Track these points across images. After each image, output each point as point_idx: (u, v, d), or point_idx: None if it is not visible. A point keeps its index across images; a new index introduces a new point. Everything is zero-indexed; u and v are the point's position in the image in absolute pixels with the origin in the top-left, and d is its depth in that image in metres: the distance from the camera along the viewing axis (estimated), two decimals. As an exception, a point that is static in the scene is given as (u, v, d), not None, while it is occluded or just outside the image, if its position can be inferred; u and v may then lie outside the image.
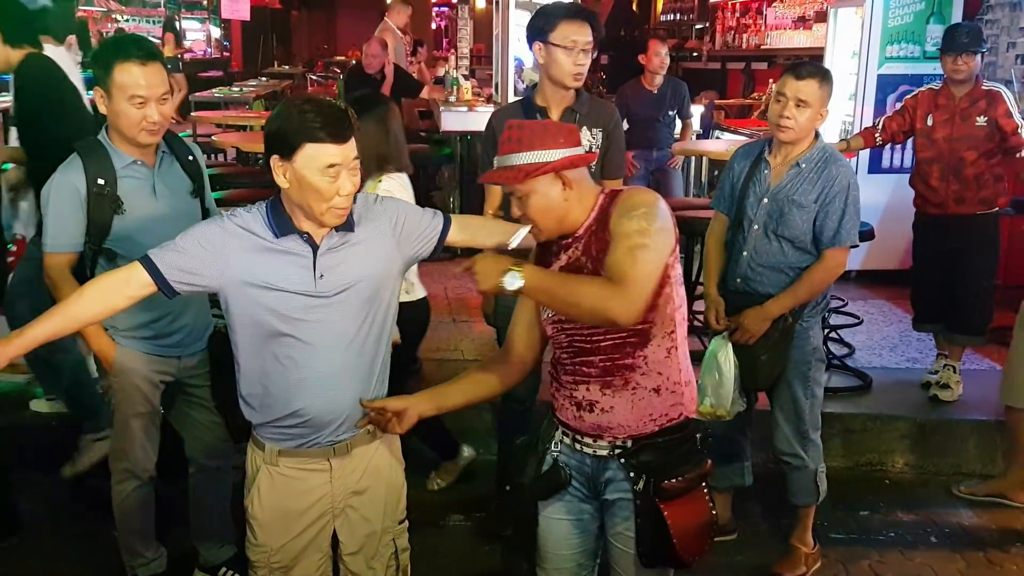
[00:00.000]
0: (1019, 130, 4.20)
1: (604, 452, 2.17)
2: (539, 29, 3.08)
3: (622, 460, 2.14)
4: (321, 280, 2.10)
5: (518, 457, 2.41)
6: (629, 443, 2.14)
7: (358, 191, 2.11)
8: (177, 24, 16.41)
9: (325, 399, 2.15)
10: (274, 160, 2.03)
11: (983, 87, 4.30)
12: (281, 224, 2.09)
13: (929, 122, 4.32)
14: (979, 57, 4.22)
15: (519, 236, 2.09)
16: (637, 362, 2.10)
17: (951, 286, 4.36)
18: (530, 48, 3.15)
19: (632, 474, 2.13)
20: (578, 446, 2.21)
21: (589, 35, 3.04)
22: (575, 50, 3.01)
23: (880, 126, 4.55)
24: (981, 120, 4.22)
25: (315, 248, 2.10)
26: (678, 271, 2.12)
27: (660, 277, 2.02)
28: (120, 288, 2.10)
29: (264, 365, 2.15)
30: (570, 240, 2.13)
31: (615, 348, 2.10)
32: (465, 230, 2.34)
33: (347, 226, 2.12)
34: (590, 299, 1.94)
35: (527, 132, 2.05)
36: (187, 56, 15.60)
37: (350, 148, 2.03)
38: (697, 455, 2.17)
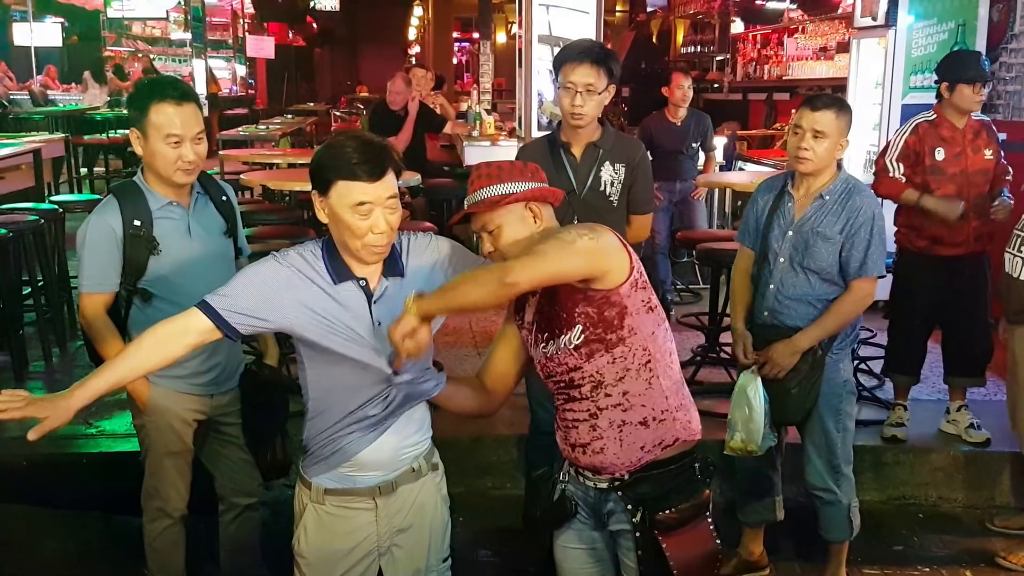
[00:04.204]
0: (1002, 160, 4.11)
1: (604, 485, 2.20)
2: (555, 70, 3.29)
3: (619, 493, 2.17)
4: (378, 328, 2.09)
5: (536, 488, 2.42)
6: (626, 476, 2.16)
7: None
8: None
9: (370, 438, 2.17)
10: (314, 196, 2.07)
11: (974, 117, 4.08)
12: (338, 269, 2.09)
13: (939, 157, 4.02)
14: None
15: None
16: (618, 399, 2.12)
17: (948, 329, 4.22)
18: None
19: (629, 507, 2.15)
20: (581, 478, 2.25)
21: (589, 76, 3.10)
22: (572, 91, 3.13)
23: (903, 177, 4.11)
24: (988, 154, 4.04)
25: (369, 296, 2.11)
26: (636, 300, 2.10)
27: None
28: (180, 337, 2.05)
29: (329, 384, 2.17)
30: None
31: (594, 390, 2.13)
32: None
33: (398, 270, 2.14)
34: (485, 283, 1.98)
35: (495, 168, 2.14)
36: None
37: (384, 186, 2.02)
38: (694, 485, 2.17)
